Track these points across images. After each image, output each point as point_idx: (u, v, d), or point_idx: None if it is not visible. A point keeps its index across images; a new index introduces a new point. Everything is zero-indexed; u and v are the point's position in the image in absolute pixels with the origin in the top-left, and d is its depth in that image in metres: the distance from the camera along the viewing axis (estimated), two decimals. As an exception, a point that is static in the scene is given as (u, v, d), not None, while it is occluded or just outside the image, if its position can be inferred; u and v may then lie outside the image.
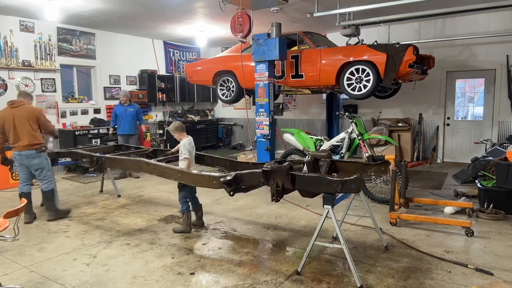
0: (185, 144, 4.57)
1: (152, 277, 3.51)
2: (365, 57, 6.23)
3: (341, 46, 7.30)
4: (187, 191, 4.68)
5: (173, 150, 5.27)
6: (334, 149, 6.33)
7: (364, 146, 5.92)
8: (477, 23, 8.22)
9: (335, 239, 4.30)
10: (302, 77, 7.02)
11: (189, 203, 4.75)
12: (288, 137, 7.04)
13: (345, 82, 6.46)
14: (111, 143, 7.49)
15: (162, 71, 11.12)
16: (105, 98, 9.68)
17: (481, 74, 8.52)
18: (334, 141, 6.39)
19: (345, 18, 7.23)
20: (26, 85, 7.97)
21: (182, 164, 4.54)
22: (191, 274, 3.57)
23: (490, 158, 6.58)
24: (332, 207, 3.29)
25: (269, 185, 3.43)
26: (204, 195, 6.42)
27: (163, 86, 10.81)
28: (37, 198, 6.29)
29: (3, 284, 3.37)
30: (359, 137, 6.00)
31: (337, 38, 8.59)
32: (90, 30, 9.15)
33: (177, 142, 4.82)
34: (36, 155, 5.04)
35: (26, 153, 4.96)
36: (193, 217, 4.86)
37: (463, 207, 5.22)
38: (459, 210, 5.26)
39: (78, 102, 9.10)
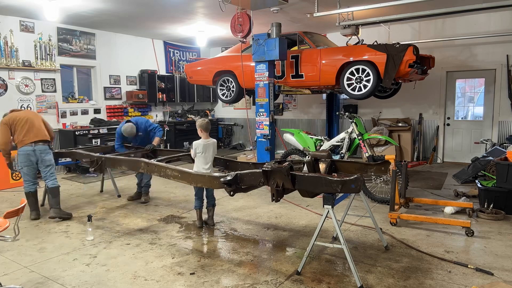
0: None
1: (152, 277, 3.51)
2: (365, 57, 6.23)
3: (341, 46, 7.30)
4: (200, 189, 4.85)
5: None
6: (334, 149, 6.33)
7: (364, 146, 5.92)
8: (477, 23, 8.22)
9: (335, 239, 4.29)
10: (302, 77, 7.02)
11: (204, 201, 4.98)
12: (288, 137, 7.04)
13: (345, 82, 6.46)
14: (111, 143, 7.49)
15: (162, 71, 11.12)
16: (105, 98, 9.69)
17: (481, 74, 8.52)
18: (334, 141, 6.39)
19: (345, 18, 7.23)
20: (26, 85, 7.98)
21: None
22: (191, 274, 3.57)
23: (490, 158, 6.58)
24: (332, 207, 3.29)
25: (269, 185, 3.43)
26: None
27: (163, 86, 10.82)
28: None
29: (3, 284, 3.37)
30: (359, 137, 6.00)
31: (337, 38, 8.59)
32: (90, 30, 9.16)
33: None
34: (48, 150, 5.24)
35: (41, 147, 5.13)
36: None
37: (463, 207, 5.22)
38: (459, 210, 5.26)
39: (78, 102, 9.11)
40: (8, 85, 7.72)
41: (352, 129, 6.09)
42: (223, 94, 8.16)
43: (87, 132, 8.52)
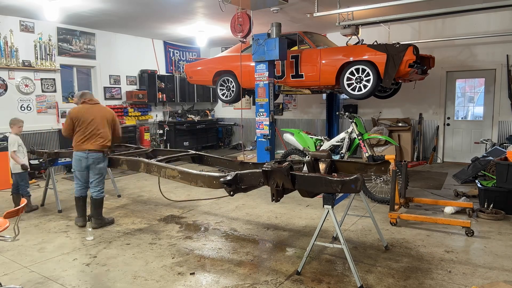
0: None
1: (152, 277, 3.51)
2: (365, 57, 6.23)
3: (341, 46, 7.30)
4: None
5: None
6: (334, 149, 6.33)
7: (364, 146, 5.92)
8: (477, 23, 8.22)
9: (335, 239, 4.29)
10: (302, 77, 7.02)
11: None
12: (288, 137, 7.04)
13: (345, 82, 6.46)
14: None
15: (162, 71, 11.12)
16: (105, 98, 9.68)
17: (481, 74, 8.52)
18: (334, 141, 6.39)
19: (345, 18, 7.23)
20: (26, 85, 7.98)
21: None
22: (191, 274, 3.57)
23: (490, 158, 6.58)
24: (332, 207, 3.29)
25: (269, 185, 3.43)
26: (204, 195, 6.43)
27: (163, 86, 10.82)
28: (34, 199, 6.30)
29: (3, 284, 3.38)
30: (359, 137, 6.00)
31: (337, 38, 8.59)
32: (90, 30, 9.16)
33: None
34: (102, 158, 4.89)
35: (95, 155, 4.79)
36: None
37: (463, 207, 5.22)
38: (459, 210, 5.26)
39: (78, 102, 9.10)
40: (8, 85, 7.72)
41: (352, 129, 6.09)
42: (223, 94, 8.16)
43: (87, 132, 8.50)
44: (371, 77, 6.17)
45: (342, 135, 6.30)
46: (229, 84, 7.99)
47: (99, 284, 3.40)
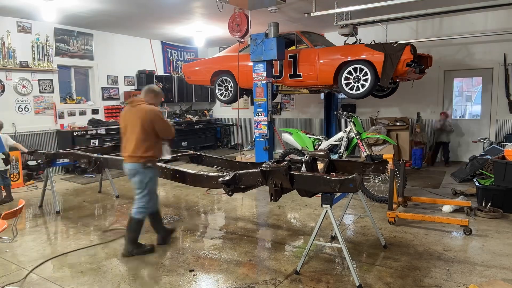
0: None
1: (151, 277, 3.51)
2: (363, 57, 6.24)
3: (339, 45, 7.31)
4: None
5: None
6: (333, 149, 6.34)
7: (362, 145, 5.93)
8: (474, 22, 8.23)
9: (333, 238, 4.30)
10: (300, 77, 7.03)
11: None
12: (286, 136, 7.04)
13: (343, 82, 6.47)
14: (109, 144, 7.48)
15: (160, 71, 11.11)
16: (103, 99, 9.67)
17: (479, 73, 8.54)
18: (332, 140, 6.40)
19: (343, 17, 7.23)
20: (24, 86, 7.96)
21: None
22: (190, 274, 3.57)
23: (488, 156, 6.59)
24: (331, 206, 3.30)
25: (268, 184, 3.43)
26: (203, 195, 6.42)
27: (161, 86, 10.80)
28: (33, 199, 6.29)
29: (1, 285, 3.37)
30: (357, 136, 6.01)
31: (335, 37, 8.59)
32: (87, 31, 9.14)
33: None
34: (138, 170, 3.92)
35: (129, 166, 3.95)
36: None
37: (461, 205, 5.23)
38: (457, 208, 5.27)
39: (76, 103, 9.09)
40: (6, 86, 7.70)
41: (350, 129, 6.10)
42: (221, 94, 8.16)
43: (85, 132, 8.49)
44: (369, 76, 6.18)
45: (340, 134, 6.31)
46: (227, 84, 7.99)
47: (97, 285, 3.39)
